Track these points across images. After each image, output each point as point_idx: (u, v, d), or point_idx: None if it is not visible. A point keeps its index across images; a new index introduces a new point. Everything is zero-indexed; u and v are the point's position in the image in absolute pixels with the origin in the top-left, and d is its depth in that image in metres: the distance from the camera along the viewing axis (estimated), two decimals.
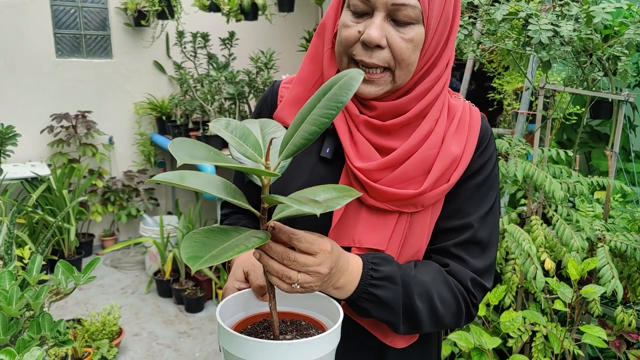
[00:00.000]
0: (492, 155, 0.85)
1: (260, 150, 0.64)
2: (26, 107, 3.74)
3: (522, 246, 1.39)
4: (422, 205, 0.80)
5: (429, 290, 0.77)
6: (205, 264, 0.54)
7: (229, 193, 0.62)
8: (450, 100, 0.85)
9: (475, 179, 0.83)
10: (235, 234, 0.61)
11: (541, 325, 1.49)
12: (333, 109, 0.59)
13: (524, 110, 1.90)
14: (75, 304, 3.24)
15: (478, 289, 0.82)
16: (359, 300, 0.74)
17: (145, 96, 4.10)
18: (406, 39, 0.74)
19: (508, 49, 1.60)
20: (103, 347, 2.48)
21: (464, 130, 0.82)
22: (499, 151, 1.61)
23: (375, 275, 0.74)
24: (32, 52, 3.71)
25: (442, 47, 0.78)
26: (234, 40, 3.69)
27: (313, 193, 0.66)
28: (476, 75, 2.41)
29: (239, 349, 0.63)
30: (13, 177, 3.31)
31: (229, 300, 0.74)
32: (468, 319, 0.83)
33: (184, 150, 0.56)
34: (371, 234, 0.80)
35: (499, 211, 0.87)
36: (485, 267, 0.83)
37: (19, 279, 1.20)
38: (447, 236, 0.83)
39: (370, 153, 0.80)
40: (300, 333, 0.71)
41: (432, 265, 0.82)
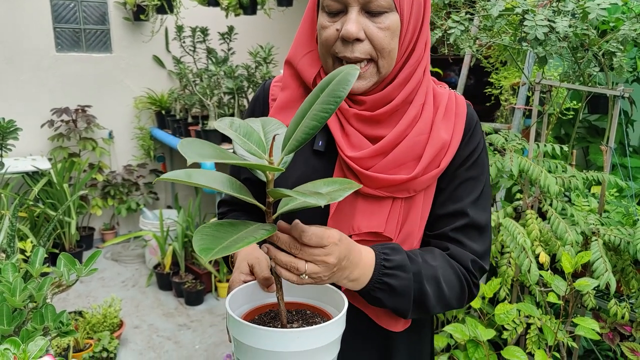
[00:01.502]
0: (479, 141, 0.88)
1: (263, 146, 0.67)
2: (26, 101, 3.75)
3: (517, 240, 1.41)
4: (414, 190, 0.83)
5: (436, 274, 0.80)
6: (218, 254, 0.56)
7: (234, 189, 0.65)
8: (436, 88, 0.88)
9: (465, 165, 0.86)
10: (243, 227, 0.64)
11: (535, 318, 1.51)
12: (332, 104, 0.62)
13: (521, 105, 1.92)
14: (76, 297, 3.27)
15: (478, 270, 0.85)
16: (373, 291, 0.76)
17: (145, 90, 4.11)
18: (383, 27, 0.76)
19: (505, 45, 1.61)
20: (104, 339, 2.51)
21: (450, 117, 0.85)
22: (495, 146, 1.63)
23: (387, 265, 0.77)
24: (31, 47, 3.72)
25: (419, 31, 0.81)
26: (233, 35, 3.69)
27: (315, 186, 0.69)
28: (475, 70, 2.42)
29: (250, 337, 0.66)
30: (14, 171, 3.33)
31: (237, 292, 0.76)
32: (470, 298, 0.87)
33: (193, 150, 0.58)
34: (369, 220, 0.82)
35: (490, 195, 0.90)
36: (484, 250, 0.86)
37: (21, 271, 1.23)
38: (444, 222, 0.86)
39: (361, 143, 0.83)
40: (306, 321, 0.74)
41: (436, 250, 0.85)
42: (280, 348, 0.64)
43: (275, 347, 0.64)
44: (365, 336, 0.89)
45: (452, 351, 1.63)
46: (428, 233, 0.88)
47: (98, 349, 2.47)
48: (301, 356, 0.65)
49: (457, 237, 0.85)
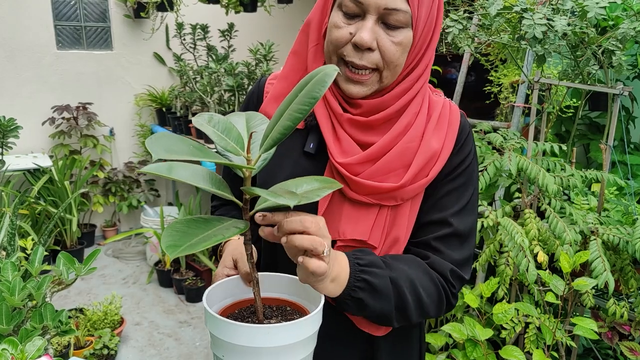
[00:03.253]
0: (470, 151, 0.88)
1: (242, 143, 0.66)
2: (28, 99, 3.76)
3: (516, 239, 1.41)
4: (401, 199, 0.82)
5: (413, 279, 0.80)
6: (183, 252, 0.55)
7: (214, 184, 0.64)
8: (432, 96, 0.88)
9: (453, 174, 0.86)
10: (216, 224, 0.63)
11: (534, 317, 1.51)
12: (307, 105, 0.61)
13: (520, 103, 1.91)
14: (77, 294, 3.28)
15: (457, 279, 0.84)
16: (354, 291, 0.75)
17: (146, 88, 4.11)
18: (396, 42, 0.76)
19: (503, 43, 1.60)
20: (105, 336, 2.52)
21: (443, 126, 0.85)
22: (494, 144, 1.62)
23: (362, 262, 0.77)
24: (32, 44, 3.72)
25: (426, 48, 0.81)
26: (233, 32, 3.69)
27: (295, 185, 0.69)
28: (475, 67, 2.41)
29: (222, 331, 0.66)
30: (15, 169, 3.34)
31: (217, 287, 0.76)
32: (448, 308, 0.86)
33: (161, 145, 0.57)
34: (354, 226, 0.82)
35: (477, 204, 0.90)
36: (464, 259, 0.85)
37: (21, 269, 1.23)
38: (428, 230, 0.86)
39: (352, 149, 0.82)
40: (285, 318, 0.74)
41: (411, 257, 0.84)
42: (254, 343, 0.64)
43: (249, 342, 0.64)
44: (347, 341, 0.89)
45: (451, 350, 1.63)
46: (410, 240, 0.87)
47: (99, 346, 2.48)
48: (275, 352, 0.65)
49: (438, 246, 0.85)
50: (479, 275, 1.83)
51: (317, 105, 0.85)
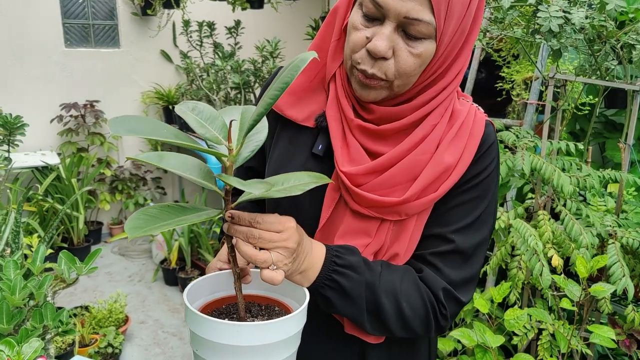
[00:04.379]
0: (489, 164, 0.80)
1: (225, 133, 0.64)
2: (36, 96, 3.75)
3: (528, 242, 1.35)
4: (405, 214, 0.77)
5: (396, 289, 0.75)
6: (143, 234, 0.56)
7: (201, 175, 0.64)
8: (456, 104, 0.80)
9: (464, 187, 0.79)
10: (191, 212, 0.62)
11: (547, 324, 1.45)
12: (278, 90, 0.59)
13: (534, 100, 1.84)
14: (83, 291, 3.27)
15: (450, 300, 0.77)
16: (322, 288, 0.73)
17: (152, 85, 4.09)
18: (415, 53, 0.69)
19: (517, 37, 1.54)
20: (110, 334, 2.49)
21: (462, 137, 0.78)
22: (505, 143, 1.56)
23: (338, 262, 0.73)
24: (41, 42, 3.71)
25: (453, 59, 0.74)
26: (239, 29, 3.64)
27: (284, 179, 0.67)
28: (486, 64, 2.34)
29: (202, 328, 0.64)
30: (24, 166, 3.33)
31: (203, 280, 0.74)
32: (438, 329, 0.79)
33: (125, 124, 0.56)
34: (349, 240, 0.78)
35: (490, 221, 0.82)
36: (462, 279, 0.78)
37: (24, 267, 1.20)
38: (426, 243, 0.80)
39: (360, 157, 0.77)
40: (270, 317, 0.72)
41: (404, 267, 0.79)
42: (234, 341, 0.62)
43: (229, 340, 0.62)
44: (338, 339, 0.85)
45: (459, 356, 1.58)
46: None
47: (103, 344, 2.45)
48: (255, 350, 0.62)
49: (434, 261, 0.78)
50: (489, 279, 1.76)
51: (329, 106, 0.80)
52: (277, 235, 0.65)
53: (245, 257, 0.65)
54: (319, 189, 0.77)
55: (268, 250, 0.65)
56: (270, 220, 0.65)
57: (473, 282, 0.80)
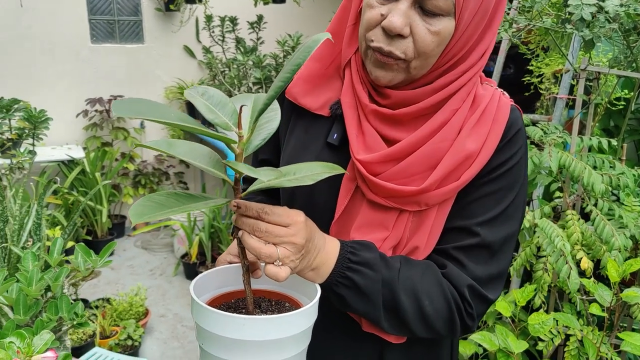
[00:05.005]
0: (516, 152, 0.74)
1: (236, 119, 0.61)
2: (63, 91, 3.81)
3: (555, 243, 1.28)
4: (425, 204, 0.72)
5: (416, 286, 0.70)
6: (147, 219, 0.55)
7: (210, 163, 0.62)
8: (479, 89, 0.75)
9: (490, 176, 0.73)
10: (198, 200, 0.61)
11: (575, 329, 1.37)
12: (289, 72, 0.55)
13: (564, 94, 1.75)
14: (106, 283, 3.31)
15: (476, 298, 0.72)
16: (336, 286, 0.69)
17: (175, 80, 4.11)
18: (433, 31, 0.66)
19: (546, 28, 1.46)
20: (129, 327, 2.51)
21: (486, 123, 0.73)
22: (532, 139, 1.48)
23: (353, 259, 0.69)
24: (68, 38, 3.77)
25: (475, 42, 0.70)
26: (262, 24, 3.62)
27: (296, 169, 0.64)
28: (515, 58, 2.25)
29: (208, 321, 0.62)
30: (50, 160, 3.40)
31: (211, 273, 0.72)
32: (464, 329, 0.74)
33: (126, 106, 0.54)
34: (366, 233, 0.74)
35: (520, 213, 0.77)
36: (489, 276, 0.73)
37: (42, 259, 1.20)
38: (449, 237, 0.75)
39: (376, 144, 0.73)
40: (279, 313, 0.68)
41: (425, 262, 0.74)
42: (239, 335, 0.59)
43: (234, 334, 0.59)
44: (357, 346, 0.81)
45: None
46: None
47: (123, 336, 2.47)
48: (262, 346, 0.59)
49: (458, 256, 0.73)
50: (513, 281, 1.69)
51: (344, 93, 0.76)
52: (284, 230, 0.62)
53: (250, 250, 0.62)
54: (335, 180, 0.74)
55: (275, 245, 0.62)
56: (279, 213, 0.62)
57: (501, 279, 0.75)
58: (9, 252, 1.71)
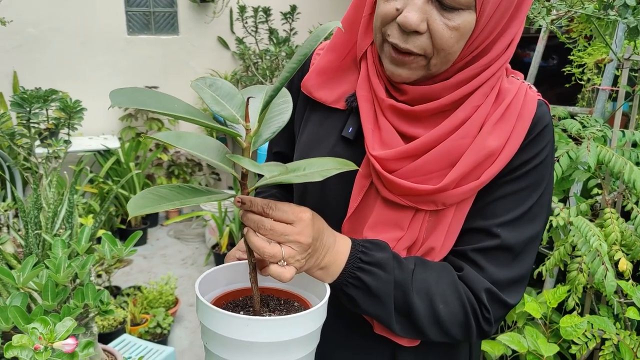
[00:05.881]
0: (541, 150, 0.70)
1: (244, 111, 0.59)
2: (100, 82, 3.91)
3: (591, 243, 1.21)
4: (442, 204, 0.69)
5: (430, 289, 0.67)
6: (146, 212, 0.54)
7: (218, 157, 0.60)
8: (504, 83, 0.71)
9: (512, 175, 0.69)
10: (202, 194, 0.59)
11: (611, 333, 1.30)
12: (295, 63, 0.53)
13: (606, 86, 1.66)
14: (139, 272, 3.39)
15: (495, 303, 0.69)
16: (346, 286, 0.67)
17: (209, 72, 4.14)
18: (451, 26, 0.62)
19: (587, 14, 1.38)
20: (159, 315, 2.56)
21: (509, 119, 0.69)
22: (569, 132, 1.41)
23: (364, 259, 0.66)
24: (105, 30, 3.86)
25: (500, 33, 0.65)
26: (295, 14, 3.60)
27: (307, 163, 0.62)
28: (558, 49, 2.15)
29: (204, 316, 0.60)
30: (87, 149, 3.49)
31: (218, 270, 0.70)
32: (481, 334, 0.70)
33: (124, 95, 0.53)
34: (380, 232, 0.71)
35: (544, 214, 0.73)
36: (509, 280, 0.69)
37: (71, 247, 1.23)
38: (467, 238, 0.71)
39: (393, 140, 0.70)
40: (288, 313, 0.67)
41: (441, 264, 0.71)
42: (244, 336, 0.57)
43: (238, 335, 0.57)
44: (369, 348, 0.78)
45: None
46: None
47: (153, 324, 2.52)
48: (268, 347, 0.57)
49: (476, 259, 0.70)
50: (547, 281, 1.62)
51: (360, 86, 0.73)
52: (290, 228, 0.59)
53: (254, 249, 0.60)
54: (348, 175, 0.71)
55: (280, 243, 0.60)
56: (284, 209, 0.60)
57: (522, 283, 0.71)
58: (42, 239, 1.76)
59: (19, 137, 2.41)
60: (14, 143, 2.37)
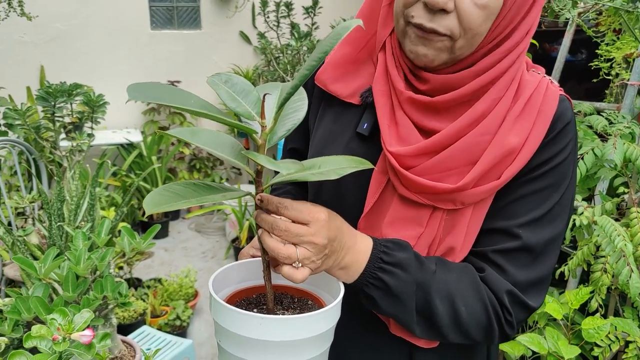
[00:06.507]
0: (563, 148, 0.68)
1: (259, 108, 0.59)
2: (124, 76, 3.97)
3: (615, 243, 1.17)
4: (461, 203, 0.67)
5: (451, 290, 0.66)
6: (161, 210, 0.54)
7: (232, 153, 0.60)
8: (524, 75, 0.69)
9: (533, 174, 0.68)
10: (217, 191, 0.59)
11: (635, 336, 1.26)
12: (315, 60, 0.52)
13: (636, 81, 1.60)
14: (160, 264, 3.44)
15: (516, 305, 0.67)
16: (366, 287, 0.66)
17: (231, 66, 4.16)
18: (480, 4, 0.60)
19: (615, 7, 1.33)
20: (179, 307, 2.60)
21: (530, 114, 0.67)
22: (595, 128, 1.36)
23: (386, 259, 0.65)
24: (129, 25, 3.91)
25: (523, 16, 0.64)
26: (317, 9, 3.59)
27: (323, 161, 0.61)
28: (587, 43, 2.08)
29: (218, 314, 0.60)
30: (110, 143, 3.56)
31: (232, 267, 0.70)
32: (502, 337, 0.69)
33: (141, 90, 0.53)
34: (399, 229, 0.69)
35: (566, 214, 0.71)
36: (531, 281, 0.68)
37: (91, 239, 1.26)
38: (488, 239, 0.69)
39: (411, 136, 0.69)
40: (301, 311, 0.66)
41: (462, 265, 0.69)
42: (257, 335, 0.57)
43: (252, 333, 0.57)
44: (385, 348, 0.77)
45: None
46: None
47: (172, 316, 2.56)
48: (281, 346, 0.57)
49: (497, 260, 0.68)
50: (570, 281, 1.58)
51: (377, 80, 0.72)
52: (304, 229, 0.59)
53: (269, 250, 0.60)
54: (364, 172, 0.70)
55: (294, 244, 0.59)
56: (299, 208, 0.59)
57: (544, 285, 0.70)
58: (65, 231, 1.80)
59: (45, 131, 2.46)
60: (40, 136, 2.42)
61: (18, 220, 2.29)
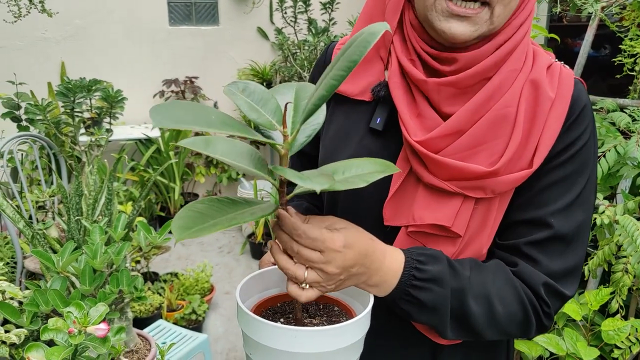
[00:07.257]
0: (584, 131, 0.67)
1: (280, 117, 0.57)
2: (143, 72, 4.01)
3: (637, 243, 1.14)
4: (492, 191, 0.66)
5: (488, 291, 0.65)
6: (192, 236, 0.50)
7: (251, 162, 0.57)
8: (536, 49, 0.70)
9: (558, 160, 0.67)
10: (242, 207, 0.56)
11: None
12: (344, 70, 0.50)
13: None
14: (177, 259, 3.48)
15: (553, 296, 0.66)
16: (399, 301, 0.65)
17: (248, 62, 4.17)
18: None
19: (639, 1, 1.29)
20: (194, 302, 2.62)
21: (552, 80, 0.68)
22: (618, 126, 1.33)
23: (418, 276, 0.63)
24: (147, 21, 3.94)
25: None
26: (334, 4, 3.56)
27: (344, 167, 0.59)
28: (612, 38, 2.04)
29: (249, 328, 0.59)
30: (128, 138, 3.60)
31: (255, 277, 0.69)
32: (540, 329, 0.69)
33: (166, 113, 0.50)
34: (433, 211, 0.67)
35: (592, 198, 0.70)
36: (565, 270, 0.67)
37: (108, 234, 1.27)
38: (519, 231, 0.68)
39: (434, 123, 0.67)
40: (329, 320, 0.65)
41: (495, 262, 0.68)
42: (290, 347, 0.56)
43: (285, 346, 0.56)
44: (407, 347, 0.77)
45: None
46: (497, 241, 0.71)
47: (188, 311, 2.58)
48: (314, 357, 0.57)
49: (531, 252, 0.67)
50: (590, 282, 1.55)
51: (392, 73, 0.71)
52: (317, 256, 0.57)
53: (278, 266, 0.59)
54: None
55: (306, 267, 0.58)
56: (313, 237, 0.57)
57: (577, 272, 0.69)
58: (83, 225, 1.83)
59: (64, 126, 2.50)
60: (60, 131, 2.46)
61: (39, 213, 2.33)
